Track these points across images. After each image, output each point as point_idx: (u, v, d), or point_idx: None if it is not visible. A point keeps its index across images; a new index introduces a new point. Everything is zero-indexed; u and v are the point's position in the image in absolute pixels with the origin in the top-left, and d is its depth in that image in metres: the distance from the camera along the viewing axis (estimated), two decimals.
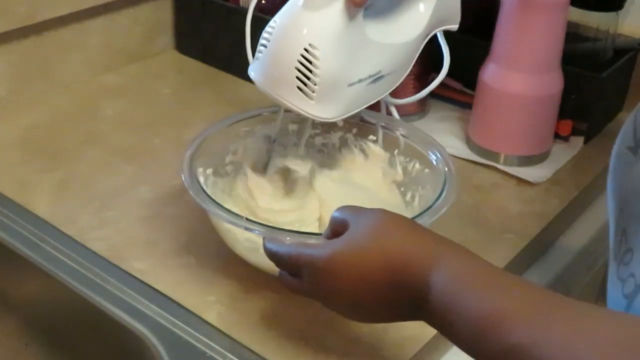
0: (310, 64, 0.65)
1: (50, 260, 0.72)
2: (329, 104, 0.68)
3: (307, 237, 0.64)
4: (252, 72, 0.69)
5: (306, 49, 0.65)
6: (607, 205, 0.62)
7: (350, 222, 0.57)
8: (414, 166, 0.77)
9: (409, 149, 0.78)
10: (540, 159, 0.92)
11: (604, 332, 0.44)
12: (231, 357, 0.64)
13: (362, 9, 0.67)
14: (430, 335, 0.66)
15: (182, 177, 0.69)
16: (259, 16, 0.81)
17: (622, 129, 0.61)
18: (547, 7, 0.84)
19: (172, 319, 0.67)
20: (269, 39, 0.67)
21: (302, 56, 0.65)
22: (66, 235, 0.76)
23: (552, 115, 0.91)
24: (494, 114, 0.90)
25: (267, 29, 0.67)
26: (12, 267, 0.75)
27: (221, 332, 0.66)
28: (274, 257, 0.60)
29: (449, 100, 1.03)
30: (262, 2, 1.01)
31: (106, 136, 0.94)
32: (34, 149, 0.90)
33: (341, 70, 0.67)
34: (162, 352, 0.64)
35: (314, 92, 0.66)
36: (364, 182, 0.79)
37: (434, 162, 0.75)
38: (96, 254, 0.74)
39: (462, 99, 1.01)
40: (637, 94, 1.03)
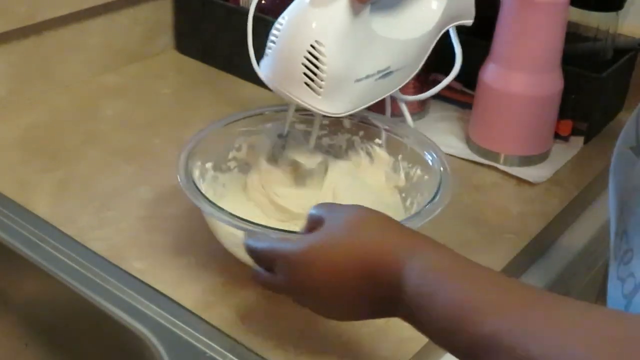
0: (316, 60, 0.66)
1: (50, 260, 0.72)
2: (336, 99, 0.69)
3: (292, 235, 0.63)
4: (260, 68, 0.70)
5: (312, 45, 0.66)
6: (607, 205, 0.62)
7: (325, 219, 0.57)
8: (416, 172, 0.77)
9: (412, 155, 0.77)
10: (540, 159, 0.92)
11: (575, 320, 0.43)
12: (231, 357, 0.64)
13: (368, 5, 0.67)
14: None
15: (178, 177, 0.69)
16: (259, 16, 0.81)
17: (624, 128, 0.61)
18: (547, 7, 0.84)
19: (172, 319, 0.67)
20: (277, 36, 0.68)
21: (309, 52, 0.66)
22: (66, 235, 0.76)
23: (552, 115, 0.91)
24: (494, 114, 0.90)
25: (276, 25, 0.69)
26: (12, 267, 0.75)
27: (221, 332, 0.66)
28: (253, 253, 0.60)
29: (449, 100, 1.02)
30: (262, 2, 1.01)
31: (106, 136, 0.94)
32: (34, 149, 0.90)
33: (348, 66, 0.68)
34: (162, 352, 0.64)
35: (321, 88, 0.67)
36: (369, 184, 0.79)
37: (429, 162, 0.74)
38: (96, 254, 0.74)
39: (462, 99, 1.01)
40: (637, 94, 1.03)
